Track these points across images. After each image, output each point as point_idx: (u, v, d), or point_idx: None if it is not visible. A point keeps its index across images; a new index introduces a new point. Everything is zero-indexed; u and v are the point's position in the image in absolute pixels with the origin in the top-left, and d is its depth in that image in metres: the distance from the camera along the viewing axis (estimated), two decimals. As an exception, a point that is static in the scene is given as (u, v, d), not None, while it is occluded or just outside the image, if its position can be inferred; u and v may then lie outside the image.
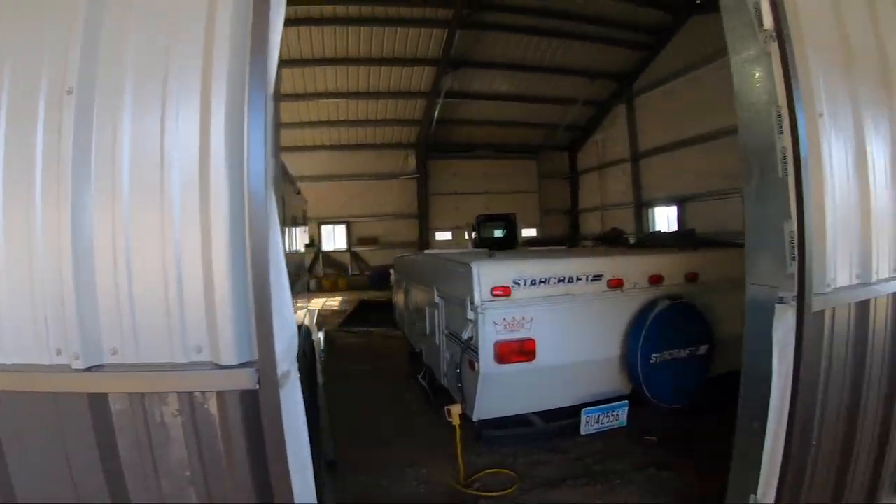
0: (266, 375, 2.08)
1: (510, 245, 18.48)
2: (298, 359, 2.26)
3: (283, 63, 17.51)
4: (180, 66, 2.16)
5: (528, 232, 26.62)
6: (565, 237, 26.88)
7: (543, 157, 27.34)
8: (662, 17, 19.04)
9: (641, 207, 22.76)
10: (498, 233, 22.44)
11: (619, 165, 23.95)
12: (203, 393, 2.13)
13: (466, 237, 23.06)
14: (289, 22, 14.37)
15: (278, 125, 2.36)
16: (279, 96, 2.39)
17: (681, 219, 20.09)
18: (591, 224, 26.38)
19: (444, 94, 21.08)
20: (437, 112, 22.13)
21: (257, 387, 2.09)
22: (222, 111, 2.13)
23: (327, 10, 16.63)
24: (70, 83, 2.10)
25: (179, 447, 2.15)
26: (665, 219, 21.63)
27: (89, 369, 2.11)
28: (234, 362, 2.12)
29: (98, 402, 2.13)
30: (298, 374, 2.33)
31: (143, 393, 2.13)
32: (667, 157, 20.60)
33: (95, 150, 2.13)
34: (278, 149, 2.37)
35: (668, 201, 21.06)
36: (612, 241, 17.27)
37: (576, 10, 17.96)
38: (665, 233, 13.48)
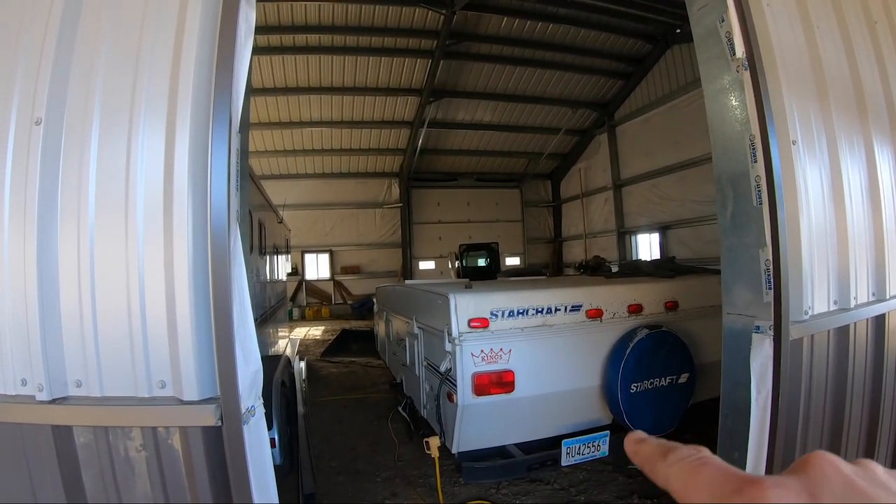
0: (229, 412, 2.04)
1: (492, 275, 18.41)
2: (278, 389, 2.20)
3: (267, 91, 17.91)
4: (146, 100, 2.14)
5: (512, 260, 26.63)
6: (549, 265, 26.93)
7: (527, 185, 27.44)
8: (643, 47, 19.40)
9: (624, 235, 22.81)
10: (481, 262, 22.46)
11: (601, 193, 24.03)
12: (167, 428, 2.08)
13: (450, 266, 23.05)
14: (275, 50, 14.78)
15: (246, 157, 2.34)
16: (247, 127, 2.38)
17: (663, 245, 20.12)
18: (575, 252, 26.35)
19: (428, 124, 21.19)
20: (420, 141, 22.23)
21: (220, 423, 2.04)
22: (186, 145, 2.11)
23: (312, 39, 16.82)
24: (38, 114, 2.09)
25: (144, 482, 2.10)
26: (647, 246, 21.67)
27: (53, 401, 2.07)
28: (197, 398, 2.07)
29: (63, 434, 2.08)
30: (264, 410, 2.28)
31: (107, 427, 2.08)
32: (648, 185, 20.79)
33: (62, 181, 2.11)
34: (246, 181, 2.34)
35: (650, 228, 21.14)
36: (593, 270, 17.26)
37: (557, 40, 18.28)
38: (645, 261, 13.50)
